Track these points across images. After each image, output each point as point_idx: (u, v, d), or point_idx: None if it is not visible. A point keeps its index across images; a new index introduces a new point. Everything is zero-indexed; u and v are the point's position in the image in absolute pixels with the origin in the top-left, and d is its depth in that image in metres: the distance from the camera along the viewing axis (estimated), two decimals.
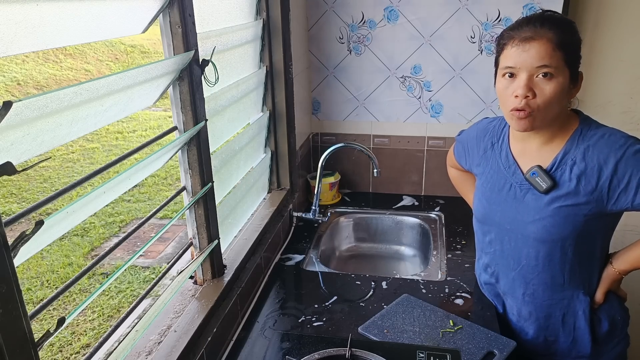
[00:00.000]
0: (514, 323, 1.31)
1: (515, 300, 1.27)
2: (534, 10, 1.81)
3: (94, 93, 0.74)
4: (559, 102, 1.05)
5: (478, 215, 1.31)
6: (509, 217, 1.20)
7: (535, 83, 1.03)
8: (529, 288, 1.22)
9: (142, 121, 7.72)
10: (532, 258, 1.18)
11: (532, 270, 1.20)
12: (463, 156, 1.39)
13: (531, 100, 1.03)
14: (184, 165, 1.12)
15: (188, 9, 1.00)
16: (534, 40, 1.01)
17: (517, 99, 1.04)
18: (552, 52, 1.00)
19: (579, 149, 1.09)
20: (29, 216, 0.92)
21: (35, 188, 5.35)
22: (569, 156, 1.10)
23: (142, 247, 0.98)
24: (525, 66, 1.02)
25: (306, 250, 1.70)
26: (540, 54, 1.00)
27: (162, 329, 1.05)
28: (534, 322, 1.25)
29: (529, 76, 1.02)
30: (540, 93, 1.03)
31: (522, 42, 1.02)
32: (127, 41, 10.13)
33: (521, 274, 1.22)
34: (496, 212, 1.23)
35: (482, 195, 1.27)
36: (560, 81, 1.02)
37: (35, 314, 0.66)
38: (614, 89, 1.94)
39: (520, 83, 1.03)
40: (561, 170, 1.10)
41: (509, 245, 1.22)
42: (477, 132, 1.32)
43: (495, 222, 1.24)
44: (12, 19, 0.60)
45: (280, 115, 1.69)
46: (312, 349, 1.13)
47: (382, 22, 1.93)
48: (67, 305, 3.47)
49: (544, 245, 1.15)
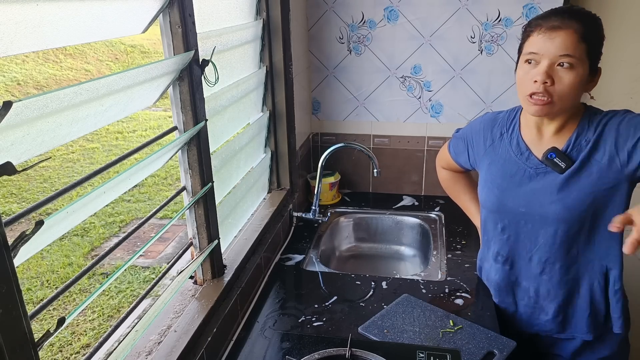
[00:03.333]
0: (530, 306, 1.32)
1: (533, 281, 1.29)
2: (534, 10, 1.81)
3: (94, 93, 0.74)
4: (576, 93, 1.07)
5: (488, 205, 1.32)
6: (523, 201, 1.23)
7: (555, 71, 1.05)
8: (546, 266, 1.25)
9: (142, 121, 7.72)
10: (550, 236, 1.21)
11: (549, 248, 1.23)
12: (464, 151, 1.39)
13: (549, 87, 1.06)
14: (184, 165, 1.12)
15: (188, 9, 1.00)
16: (561, 30, 1.04)
17: (535, 84, 1.07)
18: (577, 43, 1.03)
19: (590, 130, 1.13)
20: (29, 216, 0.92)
21: (35, 188, 5.35)
22: (582, 137, 1.14)
23: (142, 247, 0.98)
24: (549, 54, 1.05)
25: (306, 250, 1.70)
26: (566, 43, 1.03)
27: (162, 329, 1.05)
28: (553, 299, 1.27)
29: (550, 64, 1.05)
30: (559, 81, 1.05)
31: (548, 30, 1.05)
32: (127, 41, 10.13)
33: (538, 254, 1.25)
34: (509, 197, 1.25)
35: (492, 184, 1.29)
36: (580, 73, 1.05)
37: (35, 314, 0.66)
38: (614, 89, 1.94)
39: (541, 69, 1.06)
40: (576, 150, 1.14)
41: (525, 228, 1.25)
42: (484, 124, 1.33)
43: (509, 208, 1.26)
44: (12, 19, 0.60)
45: (280, 115, 1.69)
46: (312, 349, 1.13)
47: (382, 22, 1.93)
48: (67, 305, 3.47)
49: (564, 223, 1.18)
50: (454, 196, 1.57)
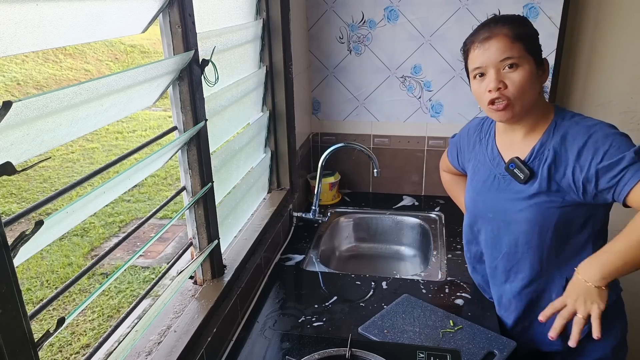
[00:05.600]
0: (500, 313, 1.33)
1: (497, 288, 1.31)
2: (534, 10, 1.81)
3: (93, 93, 0.74)
4: (532, 89, 1.10)
5: (468, 207, 1.36)
6: (490, 207, 1.25)
7: (504, 75, 1.09)
8: (510, 276, 1.26)
9: (142, 121, 7.72)
10: (512, 245, 1.22)
11: (512, 257, 1.23)
12: (456, 157, 1.44)
13: (504, 90, 1.09)
14: (184, 165, 1.12)
15: (188, 9, 1.00)
16: (492, 38, 1.09)
17: (490, 93, 1.10)
18: (511, 44, 1.07)
19: (555, 140, 1.12)
20: (29, 216, 0.92)
21: (35, 188, 5.35)
22: (545, 146, 1.13)
23: (142, 247, 0.98)
24: (491, 62, 1.09)
25: (306, 250, 1.70)
26: (501, 48, 1.07)
27: (162, 329, 1.05)
28: (513, 311, 1.28)
29: (497, 70, 1.09)
30: (510, 83, 1.08)
31: (481, 42, 1.10)
32: (127, 41, 10.13)
33: (502, 262, 1.26)
34: (479, 201, 1.28)
35: (470, 187, 1.33)
36: (527, 69, 1.08)
37: (35, 314, 0.66)
38: (614, 88, 1.94)
39: (491, 78, 1.10)
40: (538, 160, 1.14)
41: (491, 234, 1.27)
42: (469, 129, 1.38)
43: (480, 212, 1.29)
44: (11, 19, 0.59)
45: (280, 115, 1.69)
46: (312, 349, 1.13)
47: (382, 22, 1.93)
48: (67, 305, 3.47)
49: (525, 233, 1.18)
50: (456, 199, 1.60)
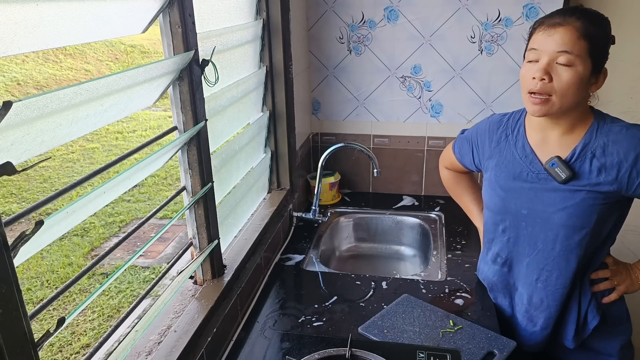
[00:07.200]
0: (522, 313, 1.32)
1: (528, 287, 1.28)
2: (534, 10, 1.81)
3: (93, 93, 0.74)
4: (576, 92, 1.06)
5: (491, 205, 1.31)
6: (526, 203, 1.22)
7: (555, 68, 1.05)
8: (542, 274, 1.24)
9: (142, 121, 7.72)
10: (550, 242, 1.20)
11: (547, 255, 1.22)
12: (469, 152, 1.39)
13: (547, 84, 1.05)
14: (184, 165, 1.12)
15: (188, 9, 1.00)
16: (560, 26, 1.03)
17: (533, 81, 1.06)
18: (576, 40, 1.02)
19: (598, 142, 1.11)
20: (29, 216, 0.92)
21: (35, 188, 5.35)
22: (588, 148, 1.12)
23: (142, 247, 0.98)
24: (547, 50, 1.04)
25: (306, 250, 1.70)
26: (564, 39, 1.03)
27: (162, 329, 1.05)
28: (545, 309, 1.26)
29: (549, 60, 1.05)
30: (557, 78, 1.04)
31: (549, 27, 1.05)
32: (127, 41, 10.13)
33: (536, 260, 1.24)
34: (512, 199, 1.24)
35: (496, 184, 1.28)
36: (579, 71, 1.03)
37: (35, 314, 0.66)
38: (614, 89, 1.94)
39: (540, 66, 1.05)
40: (580, 161, 1.12)
41: (525, 231, 1.24)
42: (490, 125, 1.33)
43: (511, 210, 1.25)
44: (11, 19, 0.60)
45: (280, 115, 1.69)
46: (312, 349, 1.13)
47: (382, 22, 1.93)
48: (67, 305, 3.47)
49: (565, 230, 1.17)
50: (456, 196, 1.57)
